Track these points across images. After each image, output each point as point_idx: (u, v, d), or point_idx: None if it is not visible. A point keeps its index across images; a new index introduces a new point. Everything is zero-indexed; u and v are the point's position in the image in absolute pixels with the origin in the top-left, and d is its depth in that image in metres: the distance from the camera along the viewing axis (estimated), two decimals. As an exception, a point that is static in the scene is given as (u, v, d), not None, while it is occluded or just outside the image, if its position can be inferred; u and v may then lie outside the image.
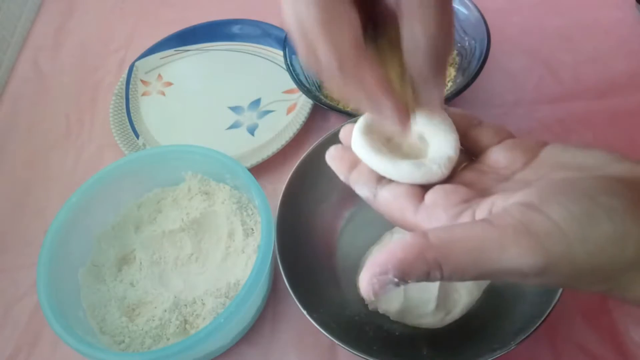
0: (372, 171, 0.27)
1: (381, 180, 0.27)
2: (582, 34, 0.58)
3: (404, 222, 0.26)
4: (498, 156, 0.27)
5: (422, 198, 0.25)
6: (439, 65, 0.26)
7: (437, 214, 0.24)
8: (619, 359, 0.40)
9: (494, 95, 0.54)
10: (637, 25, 0.58)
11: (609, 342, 0.41)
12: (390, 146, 0.29)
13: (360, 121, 0.29)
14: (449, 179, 0.27)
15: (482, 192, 0.25)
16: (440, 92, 0.27)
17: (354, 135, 0.28)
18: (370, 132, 0.28)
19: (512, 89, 0.55)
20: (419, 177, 0.26)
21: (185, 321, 0.42)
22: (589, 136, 0.51)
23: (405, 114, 0.27)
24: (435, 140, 0.27)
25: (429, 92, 0.27)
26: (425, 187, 0.26)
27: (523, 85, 0.55)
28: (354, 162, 0.28)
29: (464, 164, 0.28)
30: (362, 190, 0.27)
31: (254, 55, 0.62)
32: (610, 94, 0.53)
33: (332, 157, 0.29)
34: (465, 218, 0.24)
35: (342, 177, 0.29)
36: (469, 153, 0.29)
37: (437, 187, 0.25)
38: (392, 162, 0.27)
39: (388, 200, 0.26)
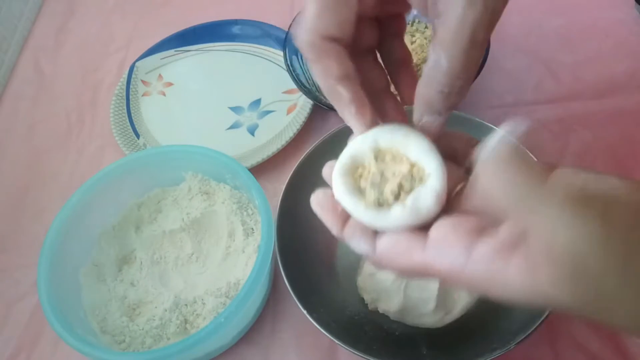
0: None
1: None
2: (581, 35, 0.58)
3: (413, 266, 0.24)
4: None
5: (425, 234, 0.24)
6: (449, 104, 0.25)
7: (449, 249, 0.23)
8: (619, 358, 0.40)
9: (494, 96, 0.54)
10: (637, 25, 0.58)
11: (608, 341, 0.41)
12: (375, 184, 0.26)
13: (338, 164, 0.27)
14: (449, 207, 0.25)
15: (493, 219, 0.23)
16: (442, 126, 0.26)
17: (334, 182, 0.26)
18: (350, 173, 0.26)
19: (512, 89, 0.55)
20: (413, 222, 0.24)
21: (186, 321, 0.42)
22: (589, 136, 0.51)
23: (363, 109, 0.26)
24: (420, 168, 0.26)
25: (431, 121, 0.26)
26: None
27: (523, 85, 0.55)
28: (346, 213, 0.26)
29: (462, 184, 0.26)
30: (360, 245, 0.25)
31: (254, 55, 0.62)
32: (609, 94, 0.53)
33: (321, 207, 0.27)
34: (483, 249, 0.22)
35: (334, 232, 0.27)
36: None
37: (442, 221, 0.24)
38: (379, 213, 0.25)
39: (389, 248, 0.24)
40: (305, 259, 0.43)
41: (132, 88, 0.61)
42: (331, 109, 0.51)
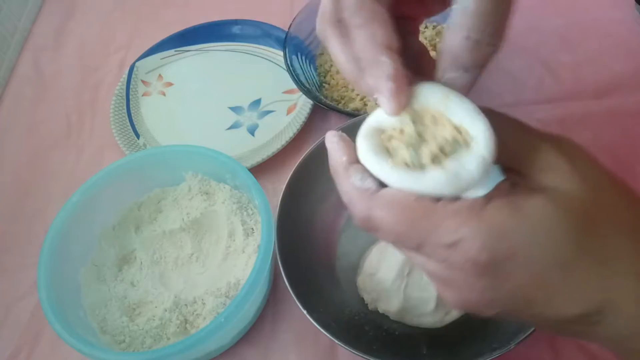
0: None
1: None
2: (581, 34, 0.58)
3: (425, 216, 0.22)
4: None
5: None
6: (477, 57, 0.23)
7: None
8: (618, 358, 0.40)
9: (494, 96, 0.54)
10: (637, 25, 0.58)
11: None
12: (410, 144, 0.24)
13: (365, 125, 0.25)
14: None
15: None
16: (469, 86, 0.24)
17: (358, 142, 0.24)
18: (377, 134, 0.24)
19: (512, 89, 0.55)
20: (451, 189, 0.22)
21: (186, 321, 0.42)
22: (589, 136, 0.50)
23: (401, 89, 0.24)
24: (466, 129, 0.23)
25: (456, 77, 0.24)
26: None
27: (522, 85, 0.55)
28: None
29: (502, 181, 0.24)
30: (364, 181, 0.23)
31: (254, 55, 0.62)
32: (609, 94, 0.53)
33: (334, 140, 0.25)
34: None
35: (343, 161, 0.24)
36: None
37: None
38: (411, 175, 0.22)
39: (400, 192, 0.23)
40: (305, 259, 0.43)
41: (132, 88, 0.61)
42: (331, 108, 0.51)
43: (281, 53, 0.55)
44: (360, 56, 0.25)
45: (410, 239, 0.23)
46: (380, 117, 0.25)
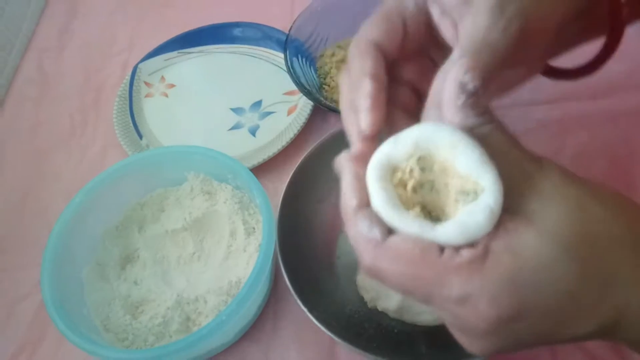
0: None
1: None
2: (579, 36, 0.58)
3: (430, 271, 0.22)
4: None
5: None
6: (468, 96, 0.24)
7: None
8: (617, 357, 0.40)
9: (492, 97, 0.55)
10: (634, 26, 0.58)
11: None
12: (422, 195, 0.24)
13: (374, 164, 0.24)
14: None
15: None
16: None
17: (371, 187, 0.24)
18: (387, 178, 0.24)
19: (510, 90, 0.55)
20: (462, 240, 0.22)
21: (188, 319, 0.42)
22: (586, 137, 0.51)
23: (377, 106, 0.26)
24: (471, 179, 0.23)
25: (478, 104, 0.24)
26: None
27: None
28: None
29: None
30: (371, 229, 0.23)
31: (256, 57, 0.62)
32: (607, 94, 0.53)
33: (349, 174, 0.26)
34: None
35: (353, 203, 0.24)
36: None
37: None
38: (425, 227, 0.23)
39: (405, 245, 0.23)
40: (305, 258, 0.43)
41: (134, 89, 0.61)
42: (331, 110, 0.52)
43: (282, 55, 0.55)
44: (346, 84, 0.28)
45: (418, 293, 0.23)
46: (388, 152, 0.25)
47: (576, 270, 0.22)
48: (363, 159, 0.26)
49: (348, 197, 0.25)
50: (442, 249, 0.23)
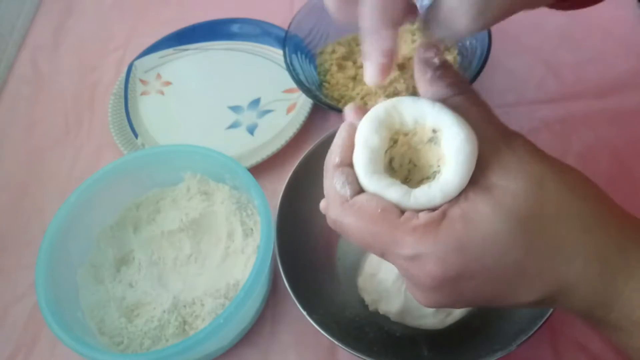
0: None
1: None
2: (583, 33, 0.58)
3: (387, 229, 0.24)
4: None
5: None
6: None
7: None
8: (620, 359, 0.40)
9: (495, 95, 0.54)
10: (639, 24, 0.57)
11: (609, 342, 0.40)
12: (400, 162, 0.27)
13: (372, 115, 0.26)
14: None
15: None
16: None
17: (357, 148, 0.26)
18: (380, 131, 0.26)
19: (513, 88, 0.55)
20: (435, 204, 0.25)
21: (185, 322, 0.42)
22: (591, 136, 0.50)
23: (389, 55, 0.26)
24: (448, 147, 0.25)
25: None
26: None
27: (524, 84, 0.55)
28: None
29: None
30: (344, 186, 0.26)
31: (254, 54, 0.62)
32: (611, 93, 0.53)
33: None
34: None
35: (334, 160, 0.27)
36: None
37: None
38: (400, 192, 0.25)
39: (369, 204, 0.25)
40: (305, 259, 0.43)
41: (130, 87, 0.60)
42: (331, 108, 0.51)
43: (281, 52, 0.55)
44: (364, 15, 0.26)
45: (374, 248, 0.26)
46: (386, 108, 0.26)
47: (523, 243, 0.24)
48: (364, 113, 0.27)
49: (333, 154, 0.27)
50: (402, 211, 0.25)
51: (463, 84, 0.27)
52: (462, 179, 0.24)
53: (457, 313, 0.41)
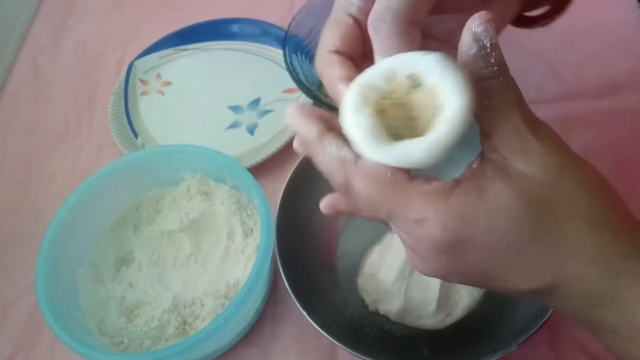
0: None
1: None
2: (583, 34, 0.57)
3: (398, 191, 0.24)
4: None
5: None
6: None
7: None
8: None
9: (495, 95, 0.54)
10: (638, 24, 0.57)
11: (610, 343, 0.40)
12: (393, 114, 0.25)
13: (356, 87, 0.25)
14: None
15: None
16: None
17: (347, 111, 0.25)
18: (368, 100, 0.25)
19: (513, 89, 0.54)
20: (427, 163, 0.24)
21: (185, 322, 0.42)
22: (590, 136, 0.50)
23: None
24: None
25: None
26: None
27: (524, 84, 0.54)
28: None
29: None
30: (341, 149, 0.25)
31: (254, 54, 0.61)
32: (612, 93, 0.53)
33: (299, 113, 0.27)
34: None
35: (313, 134, 0.26)
36: None
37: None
38: (388, 147, 0.24)
39: (378, 167, 0.24)
40: (305, 259, 0.42)
41: (130, 87, 0.60)
42: (331, 108, 0.51)
43: (281, 52, 0.55)
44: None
45: (381, 210, 0.25)
46: (373, 73, 0.25)
47: (531, 227, 0.24)
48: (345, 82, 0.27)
49: (306, 130, 0.26)
50: (412, 177, 0.25)
51: (503, 65, 0.26)
52: (427, 154, 0.23)
53: (457, 313, 0.41)
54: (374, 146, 0.24)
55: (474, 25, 0.25)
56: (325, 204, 0.29)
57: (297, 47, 0.55)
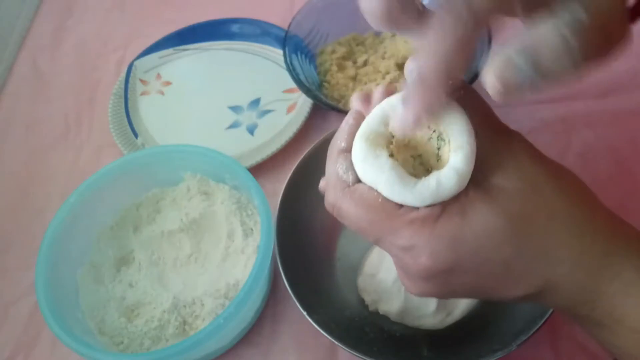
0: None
1: None
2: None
3: (386, 218, 0.25)
4: None
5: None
6: None
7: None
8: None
9: (495, 95, 0.54)
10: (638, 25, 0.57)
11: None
12: (399, 154, 0.27)
13: (361, 128, 0.27)
14: None
15: None
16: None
17: (355, 145, 0.26)
18: (371, 138, 0.26)
19: (513, 88, 0.54)
20: (431, 201, 0.25)
21: (185, 322, 0.42)
22: (591, 136, 0.50)
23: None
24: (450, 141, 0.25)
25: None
26: None
27: (524, 84, 0.55)
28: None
29: None
30: (347, 172, 0.26)
31: (254, 54, 0.61)
32: (612, 93, 0.53)
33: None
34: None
35: (339, 145, 0.27)
36: None
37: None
38: (400, 186, 0.25)
39: (370, 192, 0.25)
40: (305, 259, 0.42)
41: (130, 87, 0.60)
42: (331, 108, 0.51)
43: (281, 52, 0.55)
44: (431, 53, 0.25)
45: (369, 235, 0.26)
46: (376, 114, 0.27)
47: (514, 242, 0.25)
48: (369, 102, 0.28)
49: (339, 139, 0.28)
50: (401, 205, 0.25)
51: (461, 83, 0.27)
52: (459, 185, 0.25)
53: (457, 313, 0.41)
54: (407, 187, 0.25)
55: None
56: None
57: (297, 47, 0.55)
